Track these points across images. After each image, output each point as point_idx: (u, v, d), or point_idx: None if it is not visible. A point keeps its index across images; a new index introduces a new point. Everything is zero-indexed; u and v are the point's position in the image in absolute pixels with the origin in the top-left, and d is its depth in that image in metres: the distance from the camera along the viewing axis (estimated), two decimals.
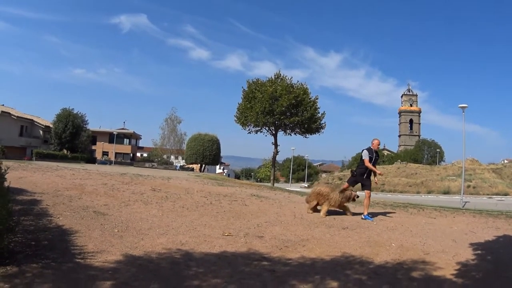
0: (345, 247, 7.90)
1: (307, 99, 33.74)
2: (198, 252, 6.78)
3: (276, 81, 33.65)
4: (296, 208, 12.51)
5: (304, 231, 9.11)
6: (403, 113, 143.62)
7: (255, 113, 32.29)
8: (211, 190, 14.80)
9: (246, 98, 33.98)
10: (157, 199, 11.55)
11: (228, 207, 11.43)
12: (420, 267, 6.87)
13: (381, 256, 7.43)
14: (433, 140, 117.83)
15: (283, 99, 31.66)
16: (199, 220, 9.41)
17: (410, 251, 8.01)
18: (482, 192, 49.96)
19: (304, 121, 33.10)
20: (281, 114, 32.14)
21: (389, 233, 9.74)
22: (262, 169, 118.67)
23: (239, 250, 7.13)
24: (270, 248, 7.37)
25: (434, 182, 56.08)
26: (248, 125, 34.51)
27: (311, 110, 33.46)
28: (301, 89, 33.68)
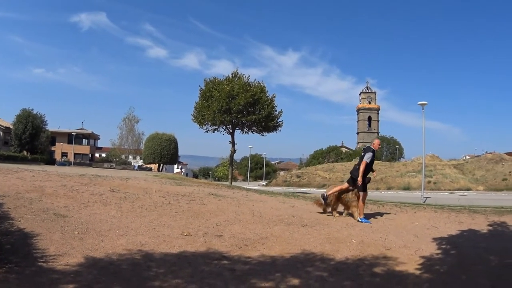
0: (305, 244, 7.92)
1: (264, 97, 33.82)
2: (158, 252, 6.73)
3: (233, 79, 33.64)
4: (254, 206, 12.51)
5: (263, 229, 9.10)
6: (361, 111, 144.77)
7: (212, 112, 32.23)
8: (169, 190, 14.71)
9: (203, 97, 33.89)
10: (116, 200, 11.42)
11: (186, 206, 11.36)
12: (382, 262, 6.92)
13: (341, 253, 7.46)
14: (392, 137, 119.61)
15: (240, 98, 31.66)
16: (158, 220, 9.32)
17: (371, 247, 8.07)
18: (444, 188, 50.51)
19: (261, 119, 33.15)
20: (238, 113, 32.12)
21: (349, 229, 9.79)
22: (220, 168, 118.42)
23: (198, 249, 7.09)
24: (230, 247, 7.34)
25: (393, 179, 56.62)
26: (205, 124, 34.41)
27: (268, 108, 33.54)
28: (258, 88, 33.73)
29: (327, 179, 62.87)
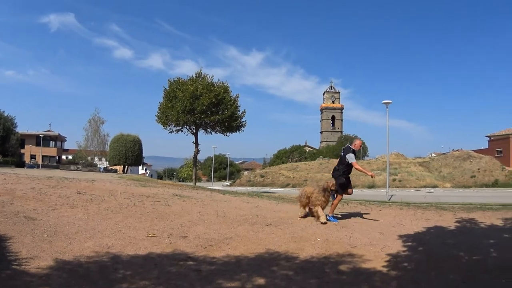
0: (270, 244, 7.97)
1: (228, 97, 33.73)
2: (125, 254, 6.72)
3: (197, 80, 33.44)
4: (218, 206, 12.49)
5: (228, 229, 9.12)
6: (325, 110, 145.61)
7: (176, 112, 32.00)
8: (134, 191, 14.62)
9: (167, 97, 33.63)
10: (83, 202, 11.30)
11: (151, 208, 11.30)
12: (348, 260, 6.99)
13: (306, 251, 7.53)
14: (356, 136, 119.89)
15: (203, 98, 31.50)
16: (124, 222, 9.27)
17: (336, 245, 8.14)
18: (409, 185, 50.81)
19: (224, 119, 33.06)
20: (202, 113, 31.95)
21: (314, 228, 9.86)
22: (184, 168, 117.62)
23: (164, 251, 7.09)
24: (195, 248, 7.35)
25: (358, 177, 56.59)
26: (169, 125, 34.19)
27: (231, 108, 33.46)
28: (222, 88, 33.63)
29: (291, 178, 62.97)
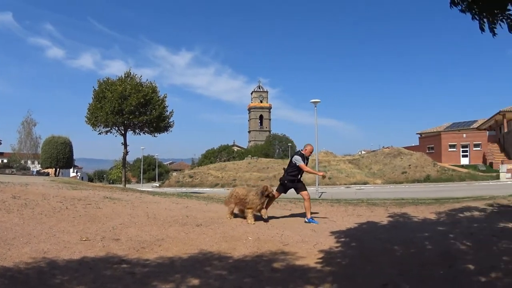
0: (202, 244, 7.95)
1: (156, 97, 33.58)
2: (61, 259, 6.55)
3: (126, 80, 33.14)
4: (148, 208, 12.37)
5: (159, 230, 9.04)
6: (253, 110, 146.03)
7: (105, 113, 31.59)
8: (66, 195, 14.29)
9: (96, 98, 33.11)
10: (18, 207, 10.97)
11: (83, 211, 11.08)
12: (281, 258, 7.05)
13: (239, 250, 7.56)
14: (285, 135, 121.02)
15: (132, 98, 31.25)
16: (57, 226, 9.03)
17: (268, 243, 8.21)
18: (339, 183, 51.44)
19: (152, 120, 32.90)
20: (130, 114, 31.68)
21: (244, 227, 9.94)
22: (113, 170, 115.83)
23: (98, 254, 6.96)
24: (128, 250, 7.26)
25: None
26: (98, 126, 33.69)
27: (159, 108, 33.33)
28: (150, 88, 33.45)
29: (220, 178, 62.96)
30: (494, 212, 12.71)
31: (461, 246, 8.05)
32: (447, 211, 13.12)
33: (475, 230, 9.85)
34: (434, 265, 6.69)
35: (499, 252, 7.55)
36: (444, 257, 7.21)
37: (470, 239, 8.60)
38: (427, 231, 9.69)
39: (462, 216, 12.20)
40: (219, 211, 12.57)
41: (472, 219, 11.59)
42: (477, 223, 10.87)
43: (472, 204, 14.72)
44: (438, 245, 8.15)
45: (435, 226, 10.49)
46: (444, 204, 15.01)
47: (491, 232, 9.48)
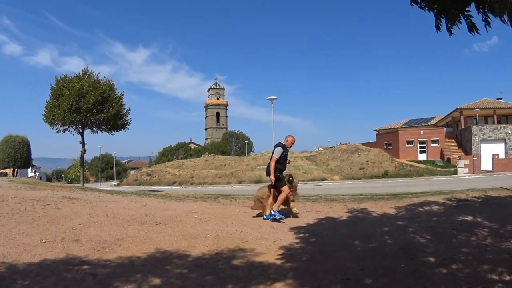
0: (161, 243, 7.90)
1: (113, 95, 33.21)
2: (21, 263, 6.40)
3: (83, 77, 32.65)
4: (107, 207, 12.20)
5: (118, 230, 8.92)
6: (209, 107, 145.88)
7: (63, 111, 31.08)
8: (25, 195, 13.99)
9: (54, 95, 32.46)
10: None
11: (42, 212, 10.84)
12: (241, 255, 7.06)
13: (198, 248, 7.53)
14: (241, 132, 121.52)
15: (89, 96, 30.80)
16: (17, 228, 8.82)
17: (227, 240, 8.21)
18: (297, 179, 50.63)
19: (110, 118, 32.54)
20: (88, 112, 31.26)
21: (203, 225, 9.88)
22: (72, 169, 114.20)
23: (58, 256, 6.82)
24: (88, 251, 7.14)
25: (244, 172, 57.22)
26: (55, 124, 33.12)
27: (116, 106, 33.00)
28: (108, 85, 33.04)
29: (177, 176, 62.62)
30: (452, 206, 12.92)
31: (421, 240, 8.19)
32: (406, 206, 13.29)
33: (435, 223, 10.02)
34: (395, 259, 6.78)
35: (458, 244, 7.72)
36: (405, 250, 7.32)
37: (430, 233, 8.75)
38: (387, 226, 9.82)
39: (421, 210, 12.37)
40: (177, 209, 12.50)
41: (431, 213, 11.77)
42: (436, 217, 11.04)
43: (431, 198, 14.94)
44: (398, 239, 8.28)
45: (395, 221, 10.63)
46: (403, 199, 15.22)
47: (450, 225, 9.65)
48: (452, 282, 5.55)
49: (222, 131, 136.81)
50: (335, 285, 5.52)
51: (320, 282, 5.64)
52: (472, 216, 10.88)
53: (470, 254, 6.92)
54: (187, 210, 12.27)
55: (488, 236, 8.34)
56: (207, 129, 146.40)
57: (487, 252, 7.08)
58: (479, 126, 59.19)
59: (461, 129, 66.33)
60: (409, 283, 5.56)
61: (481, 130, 60.64)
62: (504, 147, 61.11)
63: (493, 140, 61.06)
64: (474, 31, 5.31)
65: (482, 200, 14.24)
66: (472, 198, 14.62)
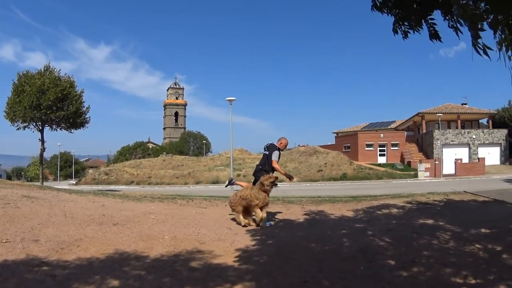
0: (119, 244, 7.83)
1: (73, 92, 32.86)
2: None
3: (45, 73, 32.19)
4: (66, 207, 11.97)
5: (76, 230, 8.78)
6: (168, 106, 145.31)
7: (23, 108, 30.63)
8: None
9: (15, 92, 31.93)
10: None
11: (2, 211, 10.57)
12: (198, 256, 7.04)
13: (156, 250, 7.49)
14: (199, 132, 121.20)
15: (50, 93, 30.43)
16: None
17: (184, 242, 8.17)
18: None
19: (69, 115, 32.16)
20: (48, 109, 30.83)
21: (161, 225, 9.83)
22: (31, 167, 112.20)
23: (19, 257, 6.69)
24: (47, 252, 7.02)
25: (202, 173, 57.03)
26: (16, 121, 32.56)
27: (76, 104, 32.65)
28: (68, 82, 32.69)
29: (135, 176, 62.17)
30: (413, 209, 13.06)
31: (380, 242, 8.24)
32: (364, 209, 13.40)
33: (394, 226, 10.10)
34: (354, 261, 6.80)
35: (419, 247, 7.78)
36: (364, 253, 7.35)
37: (389, 235, 8.81)
38: (345, 228, 9.89)
39: (380, 213, 12.48)
40: (134, 209, 12.39)
41: (391, 216, 11.89)
42: (396, 220, 11.15)
43: (390, 201, 15.10)
44: (356, 241, 8.31)
45: (353, 223, 10.72)
46: (361, 202, 15.36)
47: (410, 228, 9.74)
48: (414, 285, 5.60)
49: (181, 131, 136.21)
50: (294, 287, 5.55)
51: (278, 285, 5.65)
52: (433, 219, 11.02)
53: (431, 257, 6.99)
54: (144, 210, 12.19)
55: (450, 239, 8.44)
56: (165, 128, 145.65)
57: (450, 255, 7.17)
58: (441, 130, 59.87)
59: (423, 133, 67.43)
60: (369, 286, 5.60)
61: (444, 134, 61.46)
62: (468, 152, 62.30)
63: (456, 144, 62.27)
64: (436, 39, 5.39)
65: (444, 203, 14.42)
66: (433, 202, 14.79)
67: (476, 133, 63.59)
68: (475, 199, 15.64)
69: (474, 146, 62.31)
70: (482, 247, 7.74)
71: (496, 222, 10.41)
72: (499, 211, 12.52)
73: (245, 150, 79.46)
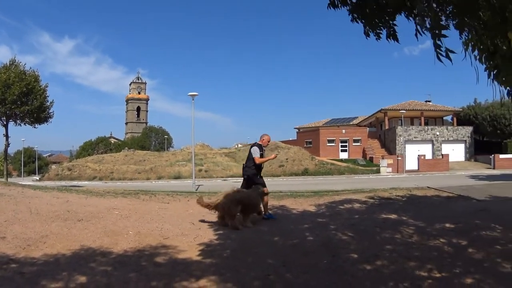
0: (84, 240, 7.80)
1: (38, 87, 32.29)
2: None
3: (10, 67, 31.57)
4: (31, 203, 11.89)
5: (42, 227, 8.74)
6: (130, 101, 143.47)
7: None
8: None
9: None
10: None
11: None
12: (163, 252, 7.07)
13: (120, 245, 7.49)
14: (161, 127, 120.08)
15: (15, 87, 29.86)
16: None
17: (148, 237, 8.19)
18: (216, 175, 51.28)
19: (33, 110, 31.62)
20: (13, 103, 30.28)
21: (124, 221, 9.84)
22: None
23: None
24: (15, 249, 6.97)
25: (163, 168, 56.59)
26: None
27: (40, 98, 32.11)
28: (33, 77, 32.06)
29: (98, 171, 61.26)
30: (375, 204, 13.15)
31: (343, 237, 8.32)
32: (326, 203, 13.45)
33: (357, 221, 10.19)
34: (317, 255, 6.86)
35: (382, 241, 7.88)
36: (326, 247, 7.44)
37: (352, 230, 8.92)
38: (307, 223, 9.97)
39: (342, 208, 12.54)
40: (98, 205, 12.38)
41: (353, 211, 11.97)
42: (358, 215, 11.23)
43: (353, 196, 15.19)
44: (319, 235, 8.40)
45: (315, 218, 10.79)
46: (323, 197, 15.44)
47: (373, 223, 9.83)
48: (378, 278, 5.66)
49: (142, 125, 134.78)
50: (257, 281, 5.59)
51: (242, 279, 5.69)
52: (396, 214, 11.13)
53: (395, 251, 7.09)
54: (108, 206, 12.17)
55: (414, 234, 8.54)
56: (127, 123, 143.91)
57: (414, 249, 7.27)
58: (404, 127, 59.98)
59: (385, 129, 67.60)
60: (332, 279, 5.64)
61: (407, 131, 61.56)
62: (432, 148, 62.62)
63: (420, 141, 62.50)
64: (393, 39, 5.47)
65: (407, 199, 14.52)
66: (396, 197, 14.91)
67: (440, 130, 64.04)
68: (439, 195, 15.80)
69: (438, 142, 62.69)
70: (446, 241, 7.87)
71: (461, 217, 10.56)
72: (464, 207, 12.68)
73: (206, 145, 79.21)
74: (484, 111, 64.13)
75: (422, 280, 5.55)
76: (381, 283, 5.48)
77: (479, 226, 9.33)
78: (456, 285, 5.42)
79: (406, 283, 5.44)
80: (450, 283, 5.48)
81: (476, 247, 7.37)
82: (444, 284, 5.45)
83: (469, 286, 5.39)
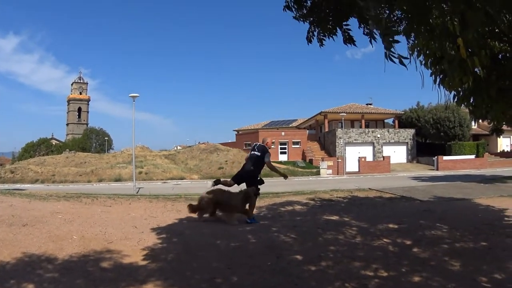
0: (30, 245, 7.52)
1: None
2: None
3: None
4: None
5: None
6: (72, 101, 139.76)
7: None
8: None
9: None
10: None
11: None
12: (108, 256, 6.91)
13: (66, 251, 7.27)
14: (101, 128, 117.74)
15: None
16: None
17: (92, 241, 7.98)
18: (156, 178, 50.22)
19: None
20: None
21: (68, 225, 9.53)
22: None
23: None
24: None
25: (104, 170, 55.52)
26: None
27: None
28: None
29: (40, 174, 59.52)
30: (316, 206, 13.22)
31: (286, 239, 8.32)
32: (267, 206, 13.47)
33: (298, 223, 10.22)
34: (261, 257, 6.87)
35: (325, 242, 7.93)
36: (270, 249, 7.43)
37: (294, 232, 8.91)
38: (249, 225, 9.92)
39: (283, 210, 12.59)
40: (42, 209, 11.94)
41: (295, 213, 12.03)
42: (300, 217, 11.29)
43: (293, 198, 15.25)
44: (262, 237, 8.38)
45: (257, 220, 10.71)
46: (264, 199, 15.36)
47: (315, 224, 9.89)
48: (323, 278, 5.71)
49: (83, 127, 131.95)
50: (204, 284, 5.57)
51: (188, 282, 5.67)
52: (338, 215, 11.23)
53: (339, 252, 7.16)
54: (51, 210, 11.80)
55: (357, 234, 8.64)
56: (68, 124, 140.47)
57: (358, 249, 7.37)
58: (344, 129, 59.20)
59: (325, 132, 67.31)
60: (278, 281, 5.65)
61: (347, 133, 61.19)
62: (373, 150, 62.56)
63: (360, 143, 62.34)
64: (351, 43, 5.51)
65: (348, 200, 14.68)
66: (337, 198, 15.04)
67: (381, 132, 64.20)
68: (381, 196, 16.07)
69: (379, 144, 62.78)
70: (391, 241, 8.03)
71: (404, 217, 10.78)
72: (407, 207, 12.93)
73: (146, 148, 78.17)
74: (427, 114, 64.98)
75: (369, 280, 5.64)
76: (327, 283, 5.54)
77: (424, 226, 9.56)
78: (404, 284, 5.53)
79: (353, 283, 5.51)
80: (397, 282, 5.59)
81: (422, 246, 7.56)
82: (392, 283, 5.56)
83: (417, 284, 5.51)
